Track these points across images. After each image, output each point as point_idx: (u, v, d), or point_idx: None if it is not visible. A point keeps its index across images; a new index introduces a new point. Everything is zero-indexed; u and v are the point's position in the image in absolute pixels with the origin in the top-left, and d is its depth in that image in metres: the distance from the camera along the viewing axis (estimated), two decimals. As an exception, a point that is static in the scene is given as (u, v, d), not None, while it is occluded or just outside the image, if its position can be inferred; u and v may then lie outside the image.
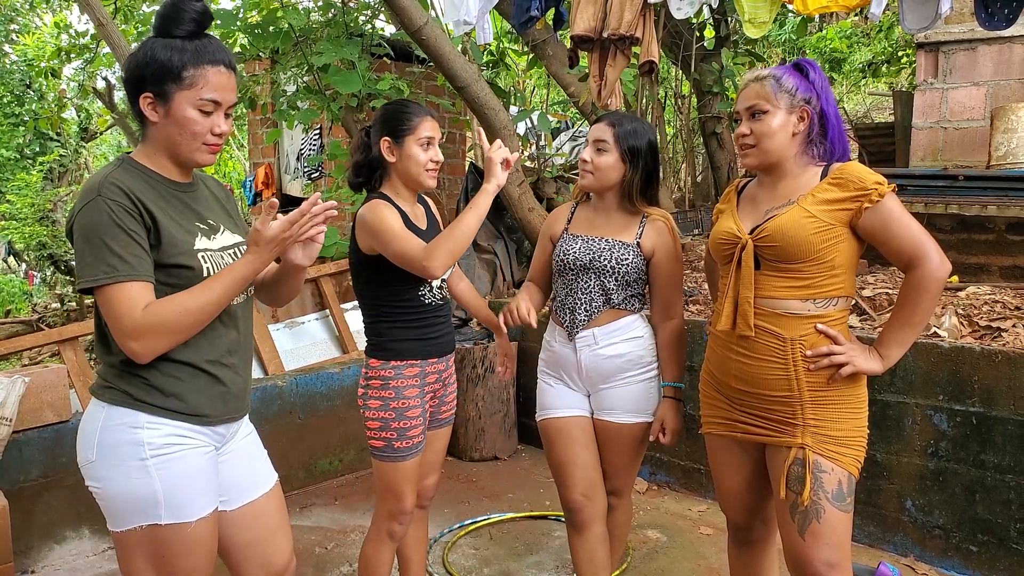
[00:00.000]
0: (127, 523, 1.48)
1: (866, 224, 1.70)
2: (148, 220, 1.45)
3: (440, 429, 2.29)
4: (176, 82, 1.46)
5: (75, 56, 8.20)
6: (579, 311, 2.15)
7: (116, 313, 1.41)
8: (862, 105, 8.85)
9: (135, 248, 1.42)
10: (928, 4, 2.63)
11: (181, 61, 1.46)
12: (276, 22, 4.60)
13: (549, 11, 3.59)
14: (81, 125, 12.11)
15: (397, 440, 2.07)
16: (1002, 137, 3.77)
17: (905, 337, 1.73)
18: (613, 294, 2.13)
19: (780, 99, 1.74)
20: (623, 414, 2.15)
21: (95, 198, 1.41)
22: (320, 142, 6.81)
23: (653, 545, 3.08)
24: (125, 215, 1.42)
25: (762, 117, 1.76)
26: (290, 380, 3.67)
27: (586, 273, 2.13)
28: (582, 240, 2.16)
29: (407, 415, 2.08)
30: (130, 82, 1.49)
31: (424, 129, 2.07)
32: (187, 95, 1.47)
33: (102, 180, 1.44)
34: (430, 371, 2.15)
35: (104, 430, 1.48)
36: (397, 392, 2.08)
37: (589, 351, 2.14)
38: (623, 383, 2.15)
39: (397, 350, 2.09)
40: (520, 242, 5.08)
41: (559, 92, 6.24)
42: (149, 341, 1.42)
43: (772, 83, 1.75)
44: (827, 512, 1.71)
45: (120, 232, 1.41)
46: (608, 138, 2.08)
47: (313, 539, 3.19)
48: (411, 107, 2.11)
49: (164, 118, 1.48)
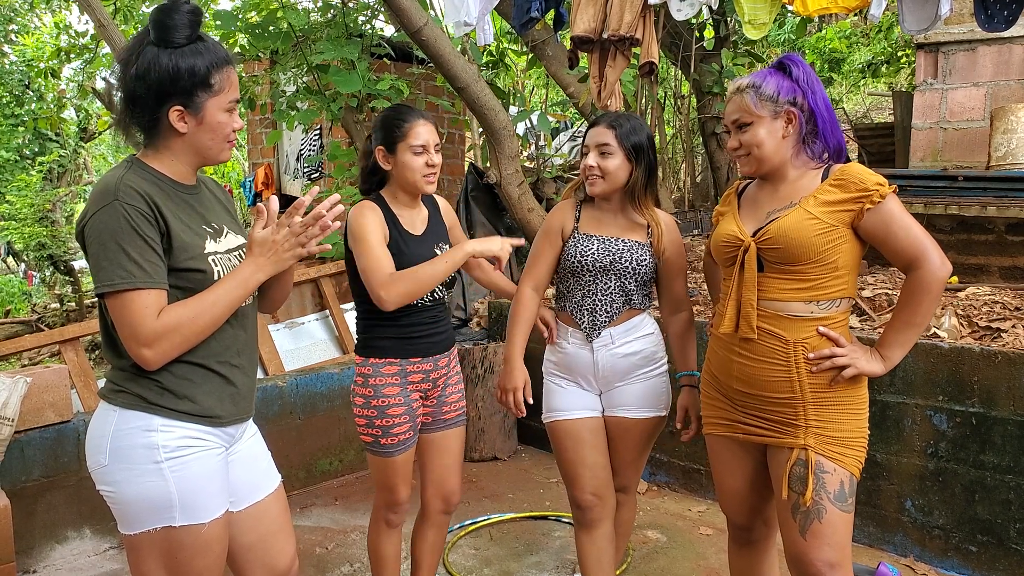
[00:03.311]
0: (140, 526, 1.48)
1: (867, 225, 1.70)
2: (163, 225, 1.45)
3: (449, 430, 2.27)
4: (206, 90, 1.46)
5: (74, 56, 8.20)
6: (599, 313, 2.15)
7: (131, 320, 1.41)
8: (861, 105, 8.85)
9: (151, 255, 1.42)
10: (928, 5, 2.64)
11: (206, 68, 1.45)
12: (276, 22, 4.61)
13: (549, 12, 3.60)
14: (80, 125, 12.10)
15: (383, 437, 2.11)
16: (1002, 138, 3.77)
17: (906, 338, 1.73)
18: (634, 295, 2.15)
19: (762, 108, 1.74)
20: (637, 409, 2.18)
21: (112, 202, 1.40)
22: (320, 142, 6.82)
23: (653, 545, 3.08)
24: (142, 220, 1.41)
25: (747, 128, 1.76)
26: (290, 380, 3.67)
27: (606, 275, 2.13)
28: (598, 240, 2.14)
29: (388, 413, 2.10)
30: (150, 97, 1.45)
31: (416, 135, 2.06)
32: (217, 101, 1.47)
33: (117, 183, 1.43)
34: (413, 370, 2.15)
35: (117, 434, 1.47)
36: (376, 390, 2.11)
37: (606, 351, 2.15)
38: (637, 380, 2.17)
39: (376, 347, 2.13)
40: (520, 242, 5.08)
41: (559, 92, 6.25)
42: (162, 348, 1.42)
43: (751, 95, 1.75)
44: (829, 512, 1.72)
45: (137, 237, 1.40)
46: (611, 140, 2.09)
47: (314, 539, 3.19)
48: (404, 113, 2.10)
49: (197, 127, 1.48)
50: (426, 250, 2.13)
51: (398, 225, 2.12)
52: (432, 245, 2.17)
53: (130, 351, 1.43)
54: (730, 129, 1.82)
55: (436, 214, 2.26)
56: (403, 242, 2.11)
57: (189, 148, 1.51)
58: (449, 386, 2.27)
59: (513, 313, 2.24)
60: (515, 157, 4.39)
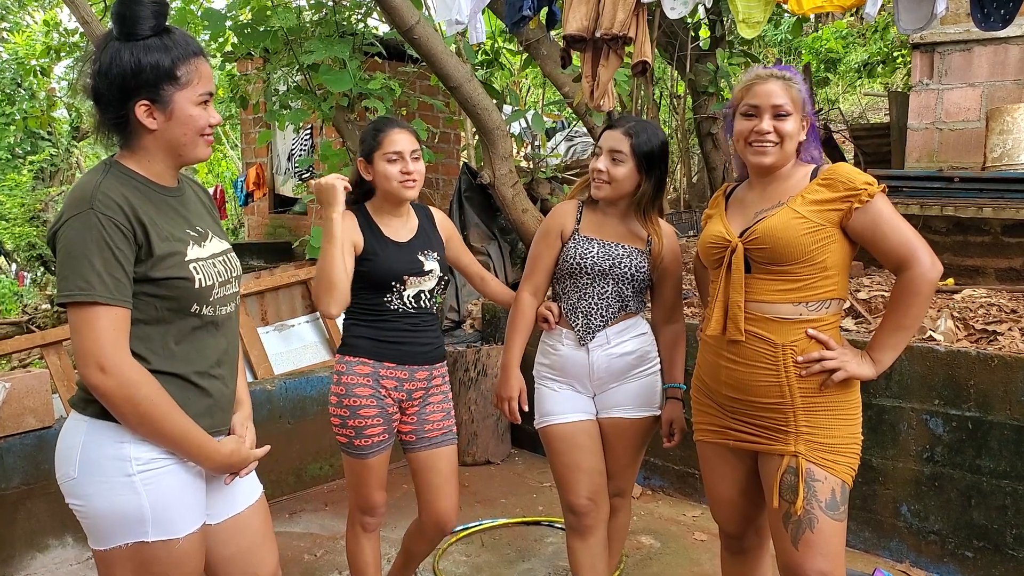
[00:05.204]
0: (111, 541, 1.43)
1: (856, 225, 1.68)
2: (141, 235, 1.40)
3: (436, 449, 2.22)
4: (173, 83, 1.41)
5: (65, 55, 8.13)
6: (594, 316, 2.13)
7: (84, 336, 1.35)
8: (857, 106, 8.83)
9: (117, 270, 1.36)
10: (924, 4, 2.60)
11: (171, 60, 1.40)
12: (266, 21, 4.55)
13: (542, 9, 3.55)
14: (72, 124, 12.01)
15: (356, 438, 2.11)
16: (997, 138, 3.74)
17: (897, 341, 1.70)
18: (630, 300, 2.15)
19: (804, 105, 1.76)
20: (633, 409, 2.16)
21: (87, 211, 1.35)
22: (311, 142, 6.76)
23: (647, 551, 3.04)
24: (116, 232, 1.36)
25: (787, 118, 1.74)
26: (279, 384, 3.63)
27: (603, 279, 2.12)
28: (598, 244, 2.12)
29: (360, 413, 2.10)
30: (113, 93, 1.40)
31: (389, 144, 2.09)
32: (186, 94, 1.42)
33: (93, 191, 1.37)
34: (386, 375, 2.14)
35: (87, 445, 1.43)
36: (347, 388, 2.11)
37: (602, 351, 2.14)
38: (631, 379, 2.16)
39: (351, 345, 2.16)
40: (514, 243, 5.04)
41: (554, 92, 6.20)
42: (111, 384, 1.36)
43: (798, 88, 1.75)
44: (820, 522, 1.69)
45: (107, 249, 1.35)
46: (625, 149, 2.07)
47: (302, 546, 3.14)
48: (380, 123, 2.16)
49: (166, 122, 1.43)
50: (405, 256, 2.14)
51: (377, 232, 2.14)
52: (416, 253, 2.17)
53: (80, 367, 1.37)
54: (760, 112, 1.74)
55: (429, 225, 2.27)
56: (380, 248, 2.13)
57: (163, 145, 1.46)
58: (430, 403, 2.23)
59: (512, 319, 2.22)
60: (509, 157, 4.34)
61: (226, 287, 1.55)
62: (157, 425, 1.41)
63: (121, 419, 1.40)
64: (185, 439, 1.45)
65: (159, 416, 1.40)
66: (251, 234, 7.89)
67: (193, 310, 1.48)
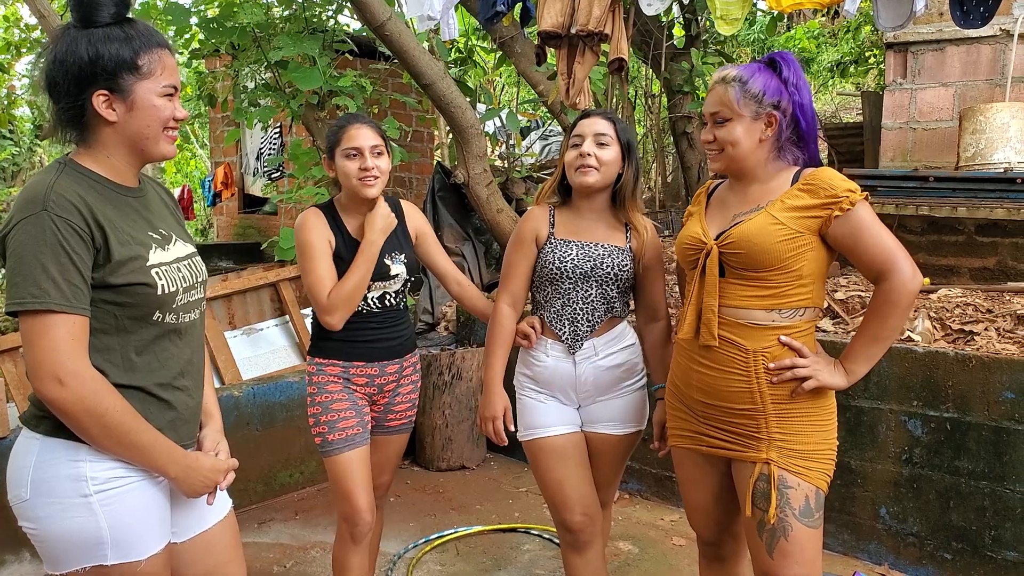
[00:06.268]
0: (68, 565, 1.35)
1: (836, 233, 1.62)
2: (99, 239, 1.30)
3: (390, 436, 2.29)
4: (134, 73, 1.32)
5: (26, 51, 7.90)
6: (580, 322, 2.04)
7: (38, 347, 1.26)
8: (830, 105, 8.91)
9: (75, 275, 1.27)
10: (903, 2, 2.58)
11: (133, 49, 1.32)
12: (234, 16, 4.42)
13: (516, 5, 3.48)
14: (35, 122, 11.68)
15: (329, 433, 2.11)
16: (970, 138, 3.75)
17: (873, 352, 1.66)
18: (615, 302, 2.06)
19: (744, 107, 1.66)
20: (619, 425, 2.09)
21: (40, 212, 1.26)
22: (280, 141, 6.63)
23: (624, 557, 2.99)
24: (72, 235, 1.27)
25: (725, 124, 1.68)
26: (247, 390, 3.51)
27: (586, 282, 2.02)
28: (577, 246, 2.03)
29: (333, 408, 2.11)
30: (69, 82, 1.31)
31: (348, 140, 2.07)
32: (149, 84, 1.34)
33: (47, 191, 1.28)
34: (356, 374, 2.15)
35: (39, 465, 1.33)
36: (319, 387, 2.13)
37: (589, 363, 2.05)
38: (618, 395, 2.08)
39: (320, 347, 2.16)
40: (488, 244, 4.96)
41: (529, 91, 6.13)
42: (70, 398, 1.26)
43: (736, 89, 1.66)
44: (795, 529, 1.65)
45: (62, 254, 1.26)
46: (610, 132, 2.00)
47: (271, 557, 3.04)
48: (342, 119, 2.13)
49: (127, 113, 1.34)
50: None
51: (344, 232, 2.10)
52: (382, 256, 2.10)
53: (34, 381, 1.27)
54: (707, 120, 1.72)
55: (401, 223, 2.20)
56: (346, 252, 2.09)
57: (123, 140, 1.37)
58: (398, 395, 2.23)
59: (490, 334, 2.10)
60: (483, 156, 4.27)
61: (191, 293, 1.47)
62: (123, 438, 1.32)
63: (82, 434, 1.31)
64: (152, 449, 1.36)
65: (125, 428, 1.32)
66: (220, 234, 7.73)
67: (155, 318, 1.39)
